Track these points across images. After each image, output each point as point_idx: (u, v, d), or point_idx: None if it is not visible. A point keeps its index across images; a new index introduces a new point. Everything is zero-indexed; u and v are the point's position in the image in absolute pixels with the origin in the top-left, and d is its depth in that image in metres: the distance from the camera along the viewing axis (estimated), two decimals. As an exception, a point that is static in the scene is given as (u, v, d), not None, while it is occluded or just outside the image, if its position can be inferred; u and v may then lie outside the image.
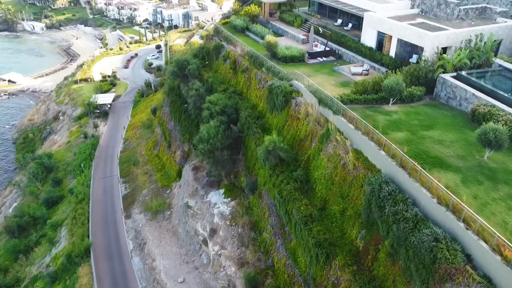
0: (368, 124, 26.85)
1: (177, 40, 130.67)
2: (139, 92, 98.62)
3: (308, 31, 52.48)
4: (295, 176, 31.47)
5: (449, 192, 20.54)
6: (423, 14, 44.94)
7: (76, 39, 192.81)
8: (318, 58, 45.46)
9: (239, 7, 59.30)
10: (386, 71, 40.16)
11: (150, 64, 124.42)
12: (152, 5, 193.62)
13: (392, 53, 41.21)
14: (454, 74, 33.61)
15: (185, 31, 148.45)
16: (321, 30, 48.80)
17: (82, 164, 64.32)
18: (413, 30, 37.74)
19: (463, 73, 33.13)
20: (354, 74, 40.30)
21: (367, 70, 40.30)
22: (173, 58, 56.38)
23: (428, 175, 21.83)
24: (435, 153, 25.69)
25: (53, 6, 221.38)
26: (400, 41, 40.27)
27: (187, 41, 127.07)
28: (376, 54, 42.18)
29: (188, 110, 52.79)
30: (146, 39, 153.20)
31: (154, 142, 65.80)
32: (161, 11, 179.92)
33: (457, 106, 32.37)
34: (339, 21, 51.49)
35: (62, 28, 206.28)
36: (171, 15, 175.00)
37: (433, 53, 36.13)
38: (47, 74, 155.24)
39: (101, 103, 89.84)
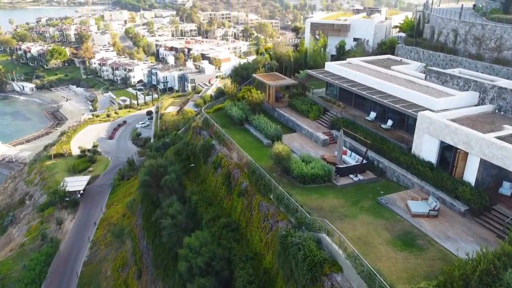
0: None
1: (169, 107, 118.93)
2: (119, 173, 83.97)
3: (330, 127, 38.65)
4: None
5: None
6: (502, 113, 31.10)
7: (66, 100, 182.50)
8: (350, 176, 30.94)
9: (235, 90, 45.79)
10: (467, 210, 25.49)
11: (138, 134, 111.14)
12: (148, 66, 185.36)
13: (470, 178, 26.69)
14: None
15: (179, 96, 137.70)
16: (348, 131, 34.84)
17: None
18: (514, 153, 23.50)
19: None
20: (415, 215, 25.48)
21: (437, 210, 25.49)
22: (146, 164, 41.94)
23: None
24: None
25: (46, 66, 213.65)
26: (483, 162, 25.96)
27: (180, 108, 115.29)
28: (444, 177, 27.60)
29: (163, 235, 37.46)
30: (138, 104, 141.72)
31: (124, 259, 49.88)
32: (156, 72, 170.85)
33: None
34: (372, 114, 37.69)
35: (52, 89, 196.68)
36: (166, 77, 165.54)
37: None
38: (28, 141, 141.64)
39: (71, 189, 74.75)
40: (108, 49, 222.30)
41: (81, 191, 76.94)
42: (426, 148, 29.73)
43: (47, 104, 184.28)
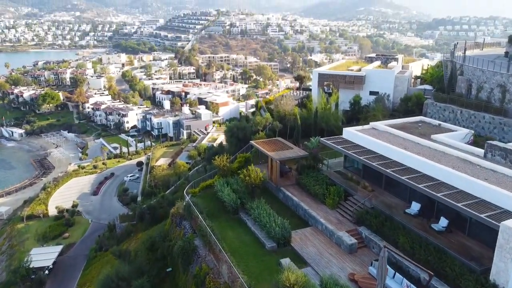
0: None
1: (160, 159, 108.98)
2: (97, 241, 72.43)
3: (356, 222, 28.34)
4: None
5: None
6: None
7: (56, 147, 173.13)
8: (400, 319, 20.23)
9: (227, 164, 35.66)
10: None
11: (126, 190, 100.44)
12: (142, 111, 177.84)
13: None
14: None
15: (173, 144, 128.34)
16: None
17: None
18: None
19: None
20: None
21: None
22: (102, 275, 31.24)
23: None
24: None
25: (38, 110, 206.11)
26: None
27: (173, 160, 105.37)
28: None
29: None
30: (129, 153, 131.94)
31: None
32: (151, 118, 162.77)
33: None
34: (415, 206, 27.40)
35: (43, 134, 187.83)
36: (160, 123, 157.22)
37: None
38: (8, 193, 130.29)
39: (37, 265, 63.16)
40: (103, 93, 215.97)
41: (50, 266, 65.33)
42: (516, 278, 19.29)
43: (35, 151, 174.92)
